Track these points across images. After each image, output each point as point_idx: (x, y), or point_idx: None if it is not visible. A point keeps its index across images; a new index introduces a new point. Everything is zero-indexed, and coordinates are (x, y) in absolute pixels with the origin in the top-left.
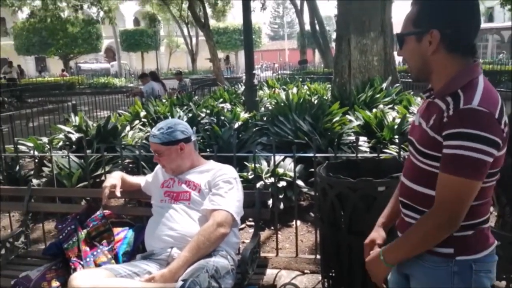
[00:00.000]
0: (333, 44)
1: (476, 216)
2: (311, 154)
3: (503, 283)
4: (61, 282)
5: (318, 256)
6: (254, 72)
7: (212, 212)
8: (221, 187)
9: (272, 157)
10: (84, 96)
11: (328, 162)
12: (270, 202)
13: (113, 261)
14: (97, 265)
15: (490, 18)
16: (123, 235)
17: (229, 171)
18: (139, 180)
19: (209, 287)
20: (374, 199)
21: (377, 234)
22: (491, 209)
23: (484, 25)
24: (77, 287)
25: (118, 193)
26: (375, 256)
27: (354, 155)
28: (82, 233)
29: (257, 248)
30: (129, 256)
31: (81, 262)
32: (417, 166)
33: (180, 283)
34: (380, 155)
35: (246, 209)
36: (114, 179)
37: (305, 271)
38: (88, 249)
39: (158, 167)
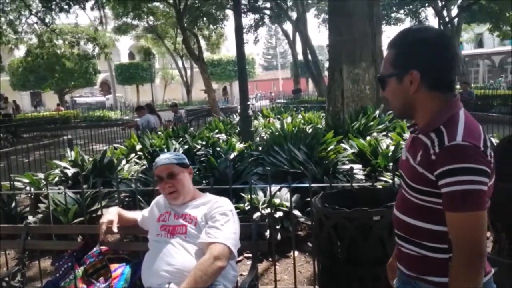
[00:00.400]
0: (326, 73)
1: None
2: (307, 184)
3: None
4: None
5: (317, 287)
6: (248, 103)
7: (209, 245)
8: (217, 219)
9: (268, 188)
10: (79, 130)
11: (323, 192)
12: (267, 233)
13: None
14: None
15: (480, 44)
16: (120, 271)
17: (225, 204)
18: (135, 215)
19: None
20: (370, 229)
21: (390, 262)
22: (488, 234)
23: (474, 50)
24: None
25: (115, 229)
26: None
27: (349, 184)
28: (79, 270)
29: (255, 281)
30: None
31: None
32: (408, 199)
33: None
34: (376, 183)
35: (243, 241)
36: (111, 214)
37: None
38: (85, 286)
39: (154, 202)
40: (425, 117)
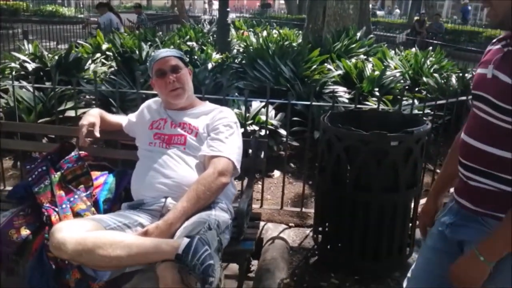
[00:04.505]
0: None
1: None
2: (304, 102)
3: None
4: (31, 230)
5: (304, 209)
6: (228, 9)
7: (212, 158)
8: (221, 131)
9: (249, 103)
10: (31, 24)
11: (331, 112)
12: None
13: (93, 208)
14: (75, 212)
15: None
16: (103, 180)
17: (229, 115)
18: (120, 119)
19: (218, 247)
20: (386, 154)
21: (428, 206)
22: None
23: None
24: (61, 241)
25: (97, 133)
26: (471, 259)
27: (337, 104)
28: (56, 176)
29: (251, 200)
30: (111, 204)
31: (56, 209)
32: (493, 124)
33: (185, 240)
34: (360, 106)
35: None
36: (93, 116)
37: (290, 224)
38: (63, 194)
39: (144, 106)
40: None
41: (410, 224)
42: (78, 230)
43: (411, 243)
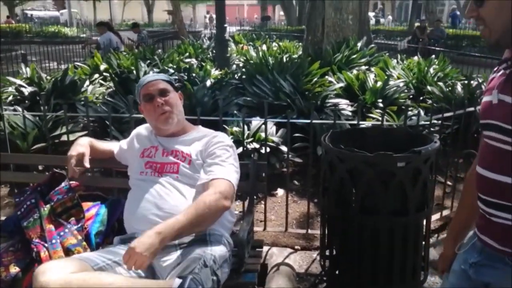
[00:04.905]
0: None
1: None
2: (307, 120)
3: None
4: (21, 267)
5: (310, 231)
6: (225, 25)
7: (211, 181)
8: (217, 155)
9: (248, 121)
10: (33, 46)
11: (332, 131)
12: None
13: (84, 243)
14: (65, 248)
15: None
16: (95, 211)
17: (224, 139)
18: (111, 146)
19: (213, 287)
20: (392, 176)
21: (447, 252)
22: None
23: None
24: (44, 285)
25: (87, 164)
26: None
27: (339, 122)
28: (45, 209)
29: (251, 227)
30: (103, 237)
31: (46, 245)
32: (505, 151)
33: (177, 281)
34: (363, 122)
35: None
36: (82, 146)
37: (296, 247)
38: (53, 228)
39: (134, 133)
40: None
41: (424, 242)
42: (63, 272)
43: (425, 266)
